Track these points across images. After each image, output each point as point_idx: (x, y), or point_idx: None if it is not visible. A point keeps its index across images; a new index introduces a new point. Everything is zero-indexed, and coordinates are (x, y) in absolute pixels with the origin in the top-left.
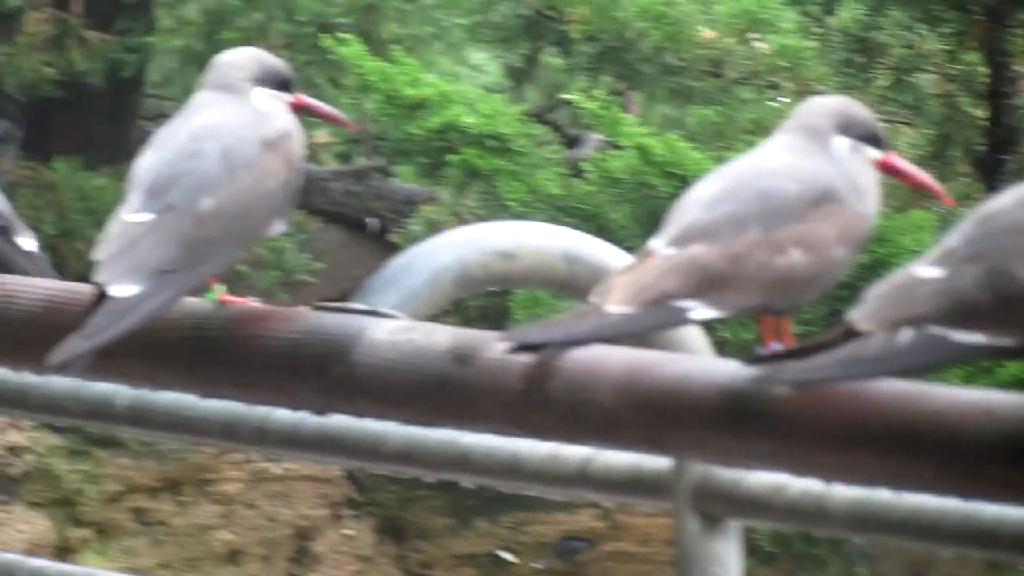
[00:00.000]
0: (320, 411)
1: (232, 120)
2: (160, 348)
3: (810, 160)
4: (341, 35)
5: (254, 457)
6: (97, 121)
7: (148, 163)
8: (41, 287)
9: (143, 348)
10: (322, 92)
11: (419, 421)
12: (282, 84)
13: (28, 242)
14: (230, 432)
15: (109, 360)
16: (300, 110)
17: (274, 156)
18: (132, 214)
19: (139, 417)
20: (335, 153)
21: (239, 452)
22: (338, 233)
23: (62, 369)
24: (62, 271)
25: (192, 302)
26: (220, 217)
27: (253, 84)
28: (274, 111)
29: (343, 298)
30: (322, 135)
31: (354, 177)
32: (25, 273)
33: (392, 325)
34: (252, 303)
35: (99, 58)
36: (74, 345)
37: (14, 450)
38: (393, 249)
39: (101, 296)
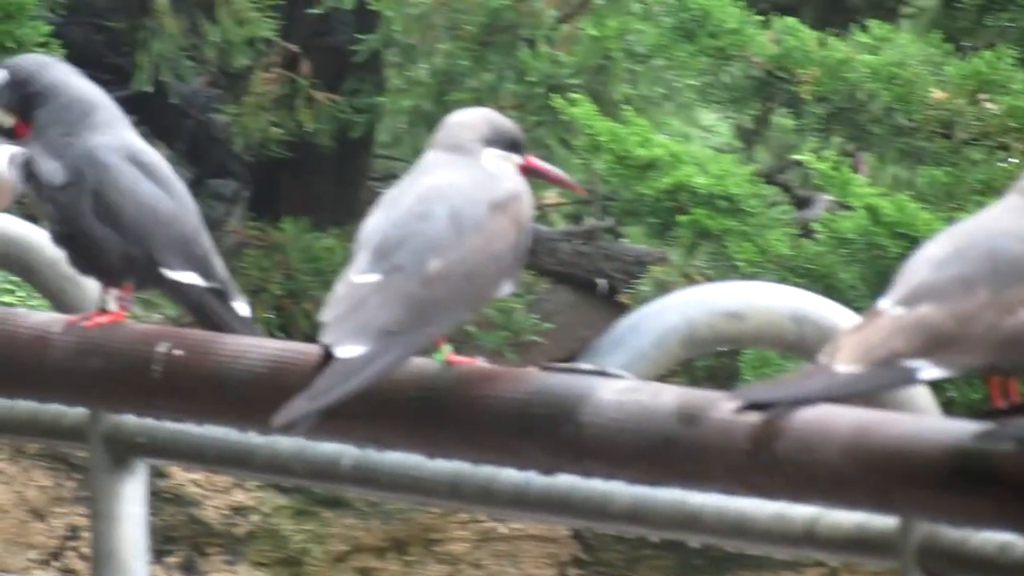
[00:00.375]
0: (547, 471)
1: (461, 181)
2: (386, 408)
3: None
4: (572, 95)
5: (480, 517)
6: (325, 181)
7: (376, 224)
8: (267, 347)
9: (369, 408)
10: (552, 152)
11: (646, 481)
12: (512, 145)
13: (242, 307)
14: (456, 492)
15: (335, 420)
16: (529, 172)
17: (503, 218)
18: (359, 275)
19: (365, 477)
20: (564, 214)
21: (465, 512)
22: (567, 294)
23: (287, 430)
24: (289, 332)
25: (419, 362)
26: (448, 278)
27: (483, 145)
28: (504, 172)
29: (571, 358)
30: (551, 196)
31: (583, 238)
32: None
33: (619, 385)
34: (480, 363)
35: (328, 118)
36: (299, 406)
37: (240, 510)
38: (622, 310)
39: (327, 357)
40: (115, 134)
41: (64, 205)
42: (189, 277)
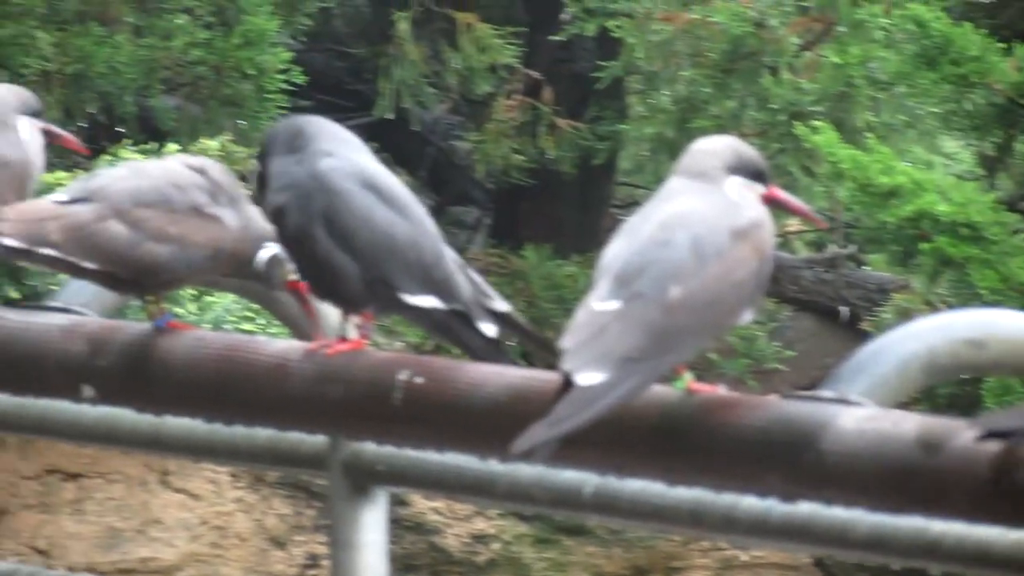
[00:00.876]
0: (788, 498)
1: (704, 209)
2: (627, 436)
3: None
4: (814, 123)
5: (722, 544)
6: (567, 208)
7: (617, 251)
8: (508, 375)
9: (610, 436)
10: (794, 180)
11: (887, 508)
12: (756, 175)
13: (489, 328)
14: (698, 519)
15: (576, 448)
16: (772, 203)
17: (745, 245)
18: (600, 302)
19: (606, 504)
20: (807, 241)
21: (707, 539)
22: (809, 321)
23: (527, 457)
24: (531, 359)
25: (659, 390)
26: (689, 306)
27: (727, 173)
28: (746, 201)
29: (813, 386)
30: (794, 223)
31: (826, 265)
32: (484, 359)
33: (860, 413)
34: (721, 391)
35: (570, 145)
36: (538, 433)
37: (481, 538)
38: (864, 337)
39: (567, 384)
40: (347, 158)
41: (293, 228)
42: (429, 301)
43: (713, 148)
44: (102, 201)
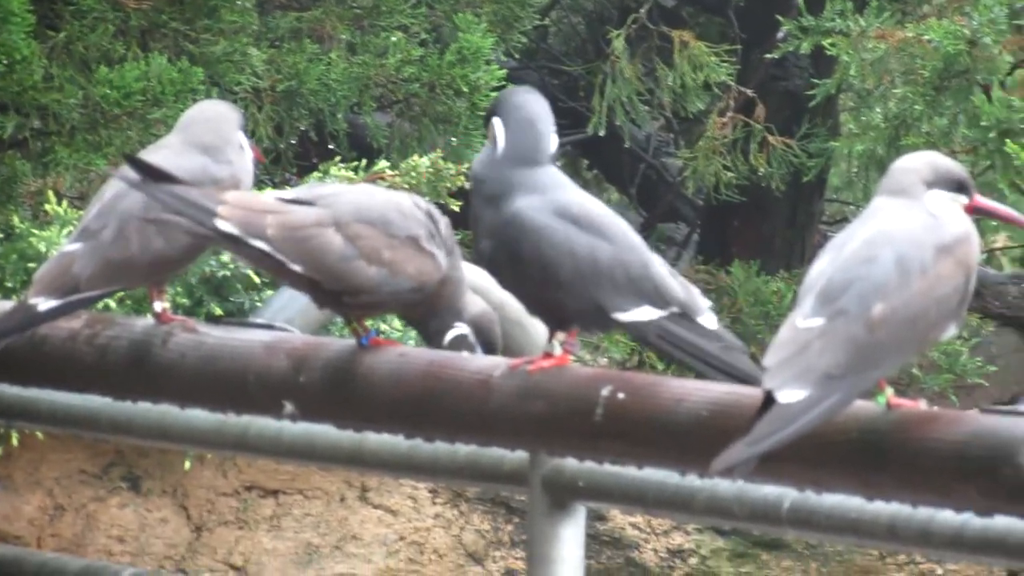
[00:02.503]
0: (985, 513)
1: (908, 225)
2: (827, 451)
3: None
4: None
5: (918, 558)
6: (776, 225)
7: (822, 268)
8: (710, 391)
9: (810, 451)
10: (1004, 197)
11: None
12: (958, 187)
13: (709, 319)
14: (894, 533)
15: (775, 463)
16: (978, 212)
17: (950, 261)
18: (804, 319)
19: (804, 519)
20: (1012, 257)
21: (903, 553)
22: (1012, 336)
23: (726, 474)
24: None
25: (859, 405)
26: (892, 323)
27: (927, 188)
28: (950, 215)
29: (1014, 401)
30: (1000, 239)
31: None
32: (707, 356)
33: None
34: (921, 406)
35: (781, 162)
36: (739, 451)
37: (678, 553)
38: None
39: (768, 400)
40: (543, 195)
41: (496, 264)
42: (644, 313)
43: (911, 165)
44: (325, 208)
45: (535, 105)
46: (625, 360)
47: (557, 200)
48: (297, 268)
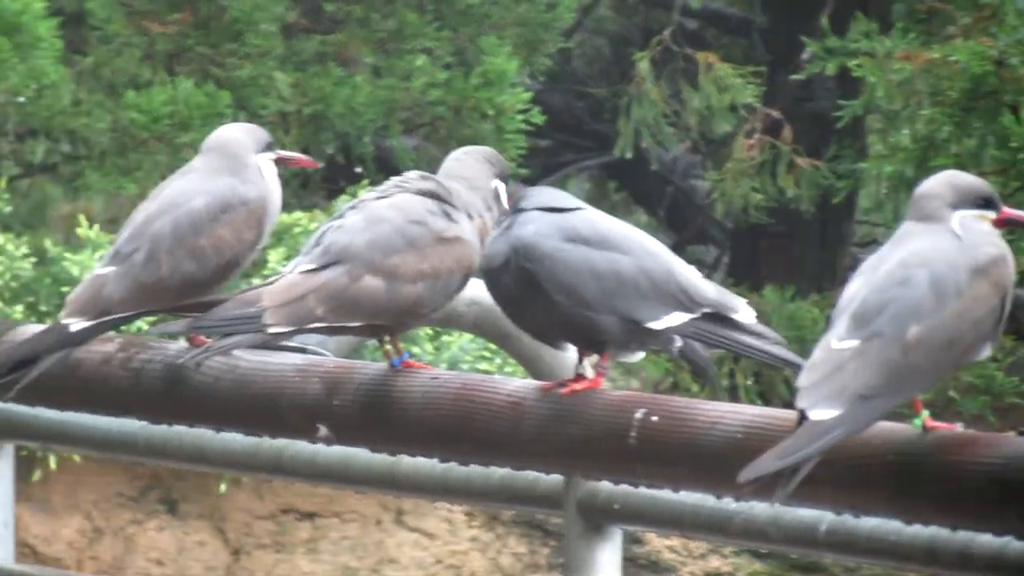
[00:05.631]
0: None
1: (942, 247)
2: (863, 474)
3: None
4: None
5: None
6: (806, 247)
7: (855, 290)
8: (744, 413)
9: (845, 474)
10: None
11: None
12: (983, 203)
13: (746, 314)
14: (933, 557)
15: (811, 486)
16: (1008, 224)
17: (985, 283)
18: (838, 341)
19: (842, 542)
20: None
21: None
22: None
23: (759, 491)
24: (767, 398)
25: (896, 427)
26: (927, 345)
27: (952, 209)
28: (982, 235)
29: None
30: None
31: None
32: (748, 348)
33: None
34: (958, 428)
35: (809, 184)
36: (767, 464)
37: None
38: None
39: (802, 421)
40: (544, 217)
41: (514, 300)
42: (676, 318)
43: (932, 189)
44: (351, 261)
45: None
46: (658, 383)
47: (564, 224)
48: (356, 324)
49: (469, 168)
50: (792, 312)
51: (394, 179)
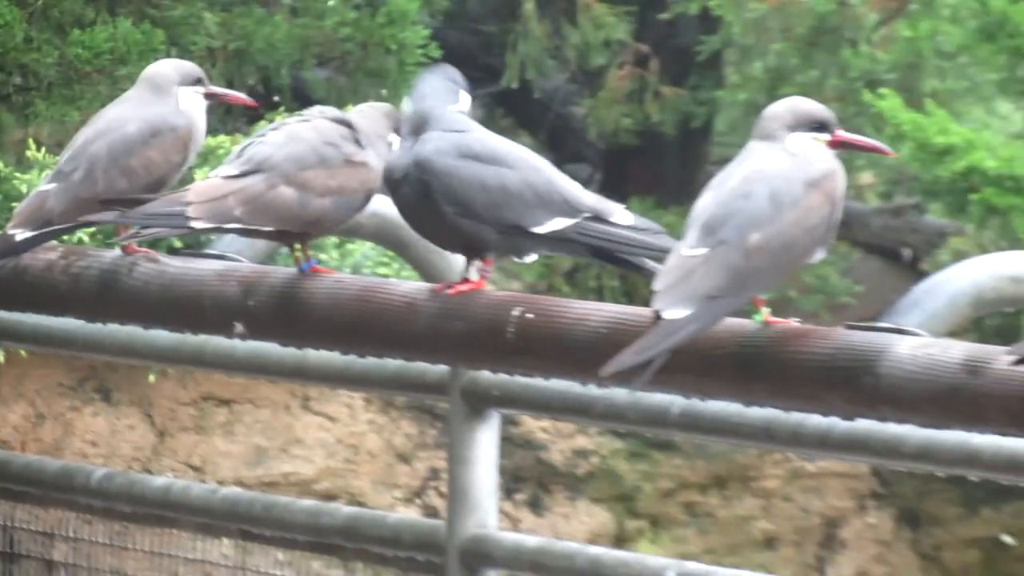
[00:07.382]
0: (849, 417)
1: (779, 164)
2: (710, 363)
3: None
4: (881, 91)
5: (791, 457)
6: (669, 166)
7: (705, 204)
8: (607, 311)
9: (695, 363)
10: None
11: (934, 424)
12: (819, 126)
13: (622, 216)
14: (770, 435)
15: (665, 375)
16: (840, 146)
17: (817, 194)
18: (689, 249)
19: (690, 423)
20: (877, 192)
21: (778, 452)
22: (876, 262)
23: (619, 382)
24: (632, 298)
25: (739, 323)
26: (766, 250)
27: (788, 131)
28: (815, 153)
29: (877, 319)
30: (867, 177)
31: (892, 213)
32: (625, 240)
33: (914, 341)
34: (793, 323)
35: (672, 110)
36: (626, 359)
37: (581, 453)
38: (924, 276)
39: (657, 320)
40: (445, 138)
41: (413, 204)
42: (559, 223)
43: (774, 112)
44: (270, 171)
45: (428, 81)
46: (535, 285)
47: (458, 142)
48: (268, 228)
49: (371, 120)
50: (654, 219)
51: (315, 108)
